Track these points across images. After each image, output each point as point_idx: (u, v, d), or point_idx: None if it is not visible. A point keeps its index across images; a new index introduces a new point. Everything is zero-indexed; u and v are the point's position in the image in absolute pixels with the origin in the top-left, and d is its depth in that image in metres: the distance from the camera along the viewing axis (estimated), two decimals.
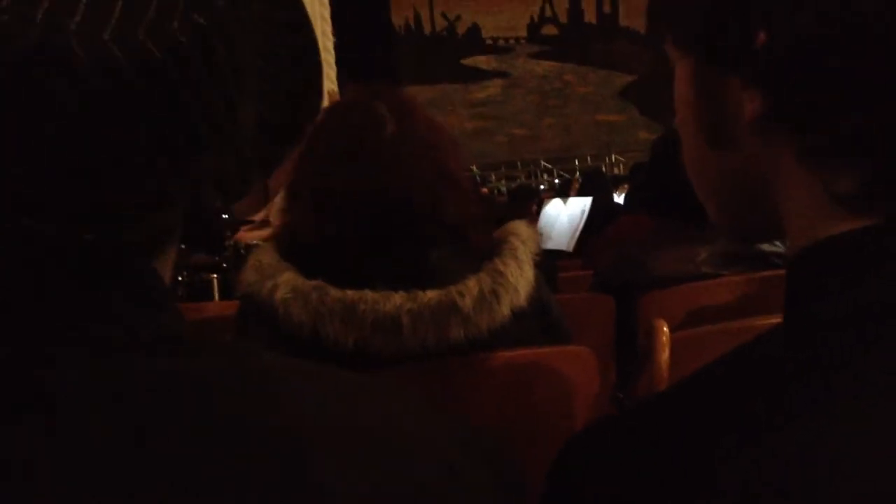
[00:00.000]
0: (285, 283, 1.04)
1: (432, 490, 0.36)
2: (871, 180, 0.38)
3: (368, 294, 1.02)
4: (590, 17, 20.27)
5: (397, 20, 18.54)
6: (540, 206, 5.07)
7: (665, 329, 1.16)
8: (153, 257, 0.39)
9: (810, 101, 0.38)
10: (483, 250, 1.13)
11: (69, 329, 0.34)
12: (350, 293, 1.02)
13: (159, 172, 0.36)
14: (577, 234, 4.17)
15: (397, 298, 1.01)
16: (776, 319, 0.42)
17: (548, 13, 19.97)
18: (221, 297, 4.81)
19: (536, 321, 1.15)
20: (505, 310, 1.06)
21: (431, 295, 1.03)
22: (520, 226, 1.18)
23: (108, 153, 0.34)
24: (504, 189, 12.31)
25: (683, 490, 0.34)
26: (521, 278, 1.09)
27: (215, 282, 5.02)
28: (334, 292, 1.02)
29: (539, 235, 1.20)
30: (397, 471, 0.35)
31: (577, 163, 16.18)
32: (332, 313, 1.01)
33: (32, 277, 0.34)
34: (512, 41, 19.71)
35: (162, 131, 0.35)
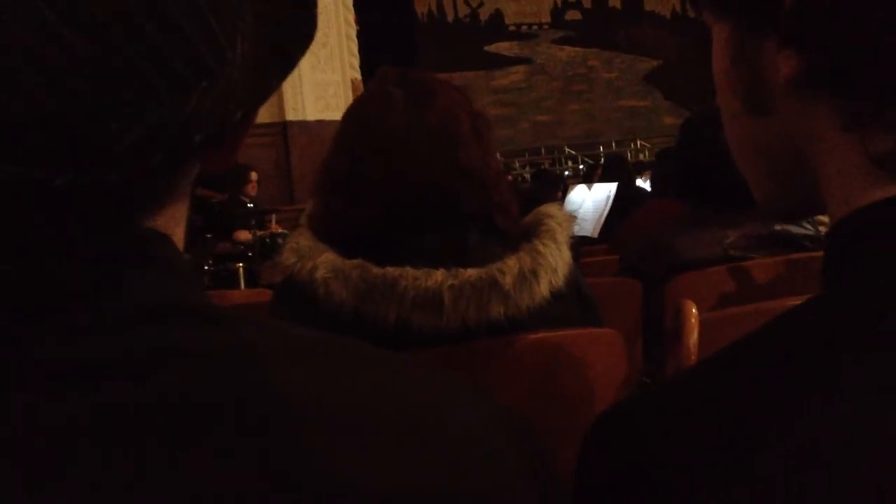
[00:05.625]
0: (325, 262, 1.04)
1: (466, 475, 0.34)
2: None
3: (409, 271, 1.01)
4: (614, 1, 20.07)
5: (420, 7, 18.49)
6: (565, 192, 5.04)
7: (694, 310, 1.14)
8: (154, 214, 0.36)
9: (845, 59, 0.36)
10: (516, 233, 1.12)
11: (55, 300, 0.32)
12: (391, 270, 1.01)
13: (154, 99, 0.32)
14: (603, 219, 4.15)
15: (439, 275, 1.01)
16: None
17: None
18: (247, 286, 4.86)
19: (573, 302, 1.15)
20: (544, 290, 1.05)
21: (472, 272, 1.02)
22: (553, 208, 1.17)
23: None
24: (528, 177, 12.28)
25: (721, 463, 0.33)
26: (559, 259, 1.08)
27: (241, 271, 5.08)
28: (375, 270, 1.02)
29: (573, 218, 1.19)
30: (428, 456, 0.34)
31: (601, 149, 16.06)
32: (373, 290, 1.01)
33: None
34: (535, 27, 19.57)
35: (159, 54, 0.31)
